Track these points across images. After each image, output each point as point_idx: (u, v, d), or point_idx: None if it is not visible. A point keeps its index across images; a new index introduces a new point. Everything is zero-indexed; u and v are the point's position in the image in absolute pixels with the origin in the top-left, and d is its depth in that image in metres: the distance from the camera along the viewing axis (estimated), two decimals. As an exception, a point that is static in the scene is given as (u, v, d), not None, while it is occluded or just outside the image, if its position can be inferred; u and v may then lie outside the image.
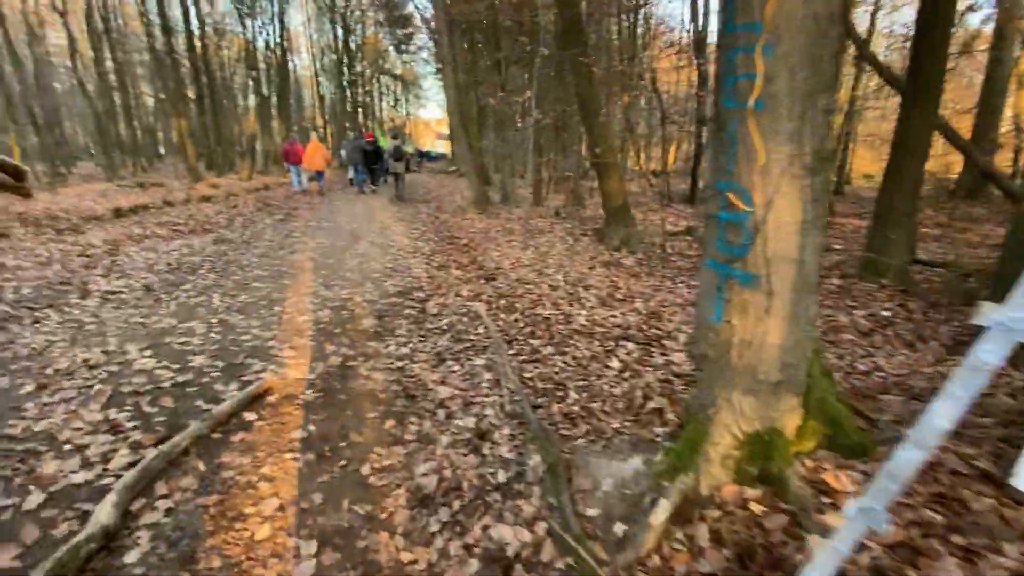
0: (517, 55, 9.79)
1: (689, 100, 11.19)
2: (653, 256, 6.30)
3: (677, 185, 13.70)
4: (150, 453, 2.05)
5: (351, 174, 14.92)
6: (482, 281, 5.26)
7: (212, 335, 3.49)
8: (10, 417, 2.28)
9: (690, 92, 13.75)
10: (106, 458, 2.06)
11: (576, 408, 2.60)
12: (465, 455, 2.34)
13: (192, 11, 17.60)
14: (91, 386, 2.60)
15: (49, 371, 2.72)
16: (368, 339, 3.67)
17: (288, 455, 2.26)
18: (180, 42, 18.39)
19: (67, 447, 2.12)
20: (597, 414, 2.52)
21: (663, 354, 3.31)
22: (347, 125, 29.61)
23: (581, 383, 2.92)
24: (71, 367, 2.78)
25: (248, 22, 21.54)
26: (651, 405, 2.45)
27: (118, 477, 1.93)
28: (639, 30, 13.75)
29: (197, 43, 18.17)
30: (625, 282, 5.07)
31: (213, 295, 4.30)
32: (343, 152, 16.76)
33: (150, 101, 26.75)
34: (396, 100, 47.56)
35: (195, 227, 7.45)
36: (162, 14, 14.78)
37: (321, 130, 29.68)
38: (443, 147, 57.86)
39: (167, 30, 14.92)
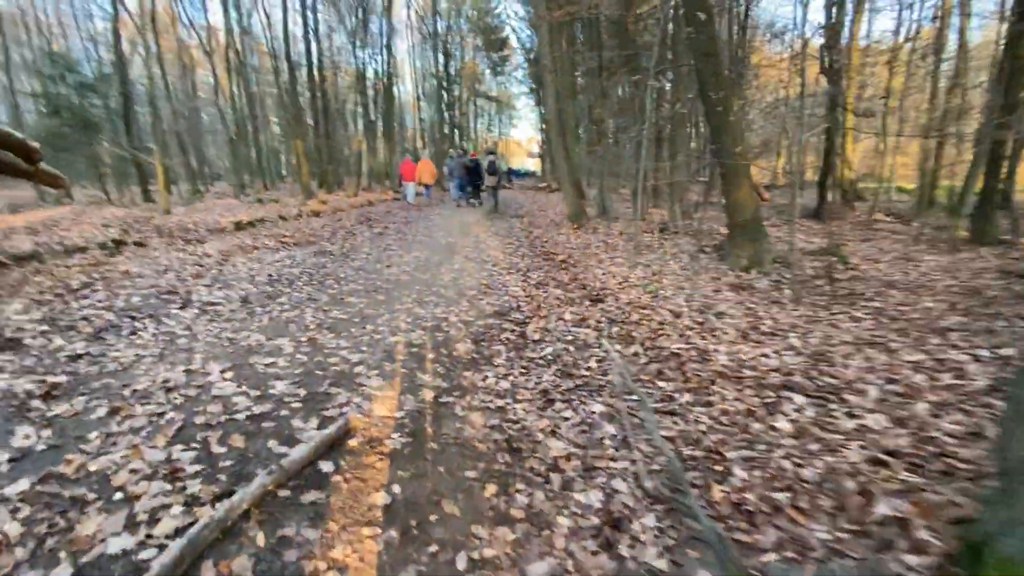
0: (623, 58, 9.10)
1: (815, 103, 9.76)
2: (791, 279, 5.23)
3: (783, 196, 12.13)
4: (203, 517, 1.61)
5: (453, 192, 15.84)
6: (587, 304, 4.59)
7: (299, 356, 3.15)
8: (70, 450, 1.99)
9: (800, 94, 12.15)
10: (154, 517, 1.65)
11: (750, 496, 1.82)
12: (594, 554, 1.67)
13: (314, 47, 19.12)
14: (163, 413, 2.29)
15: (127, 392, 2.48)
16: (464, 368, 3.14)
17: (367, 530, 1.73)
18: (302, 74, 20.05)
19: (118, 496, 1.75)
20: (787, 511, 1.72)
21: (851, 415, 2.40)
22: (451, 146, 30.57)
23: (745, 453, 2.13)
24: (149, 388, 2.52)
25: (360, 52, 23.00)
26: (881, 510, 1.61)
27: (161, 549, 1.50)
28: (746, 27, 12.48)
29: (316, 74, 19.58)
30: (766, 310, 4.13)
31: (306, 310, 4.05)
32: (446, 169, 17.77)
33: (276, 127, 29.46)
34: (490, 121, 48.84)
35: (300, 239, 7.56)
36: (287, 54, 16.09)
37: (422, 150, 30.96)
38: (532, 165, 58.58)
39: (292, 67, 16.24)
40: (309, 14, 17.96)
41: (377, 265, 5.82)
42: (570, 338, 3.69)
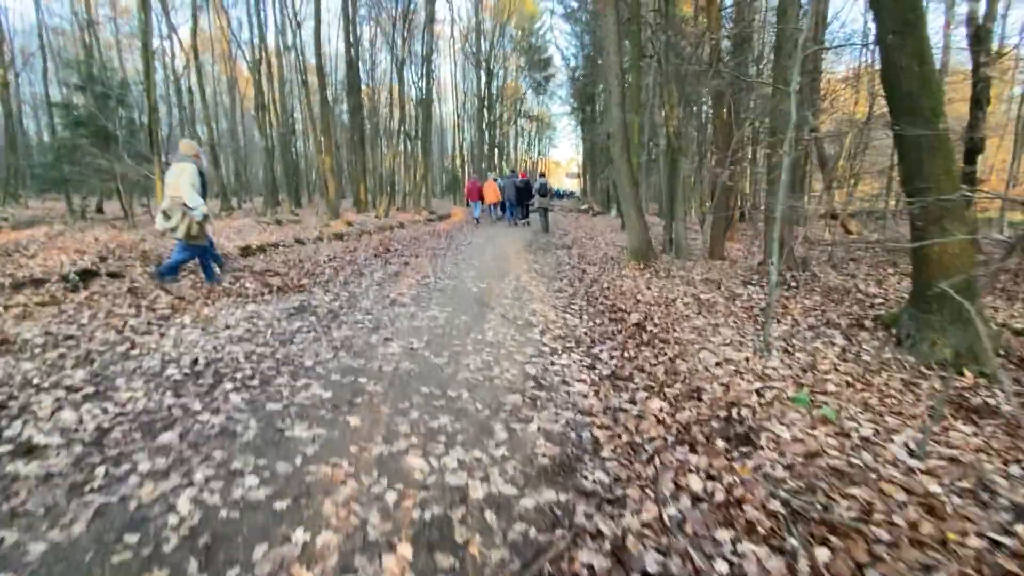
0: (704, 63, 7.01)
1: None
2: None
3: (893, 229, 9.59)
4: None
5: (500, 213, 16.45)
6: (722, 446, 2.46)
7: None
8: None
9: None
10: None
11: None
12: None
13: (362, 69, 17.96)
14: None
15: None
16: None
17: None
18: (338, 90, 18.92)
19: None
20: None
21: None
22: (490, 166, 29.01)
23: None
24: None
25: (401, 71, 21.73)
26: None
27: None
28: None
29: (356, 92, 18.33)
30: None
31: (210, 458, 2.12)
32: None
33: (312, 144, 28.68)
34: (529, 140, 47.42)
35: (292, 279, 5.75)
36: (319, 74, 14.77)
37: (489, 172, 29.73)
38: (569, 185, 57.06)
39: (324, 82, 14.93)
40: (351, 32, 16.75)
41: (372, 337, 3.83)
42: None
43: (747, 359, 3.68)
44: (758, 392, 3.11)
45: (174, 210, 5.03)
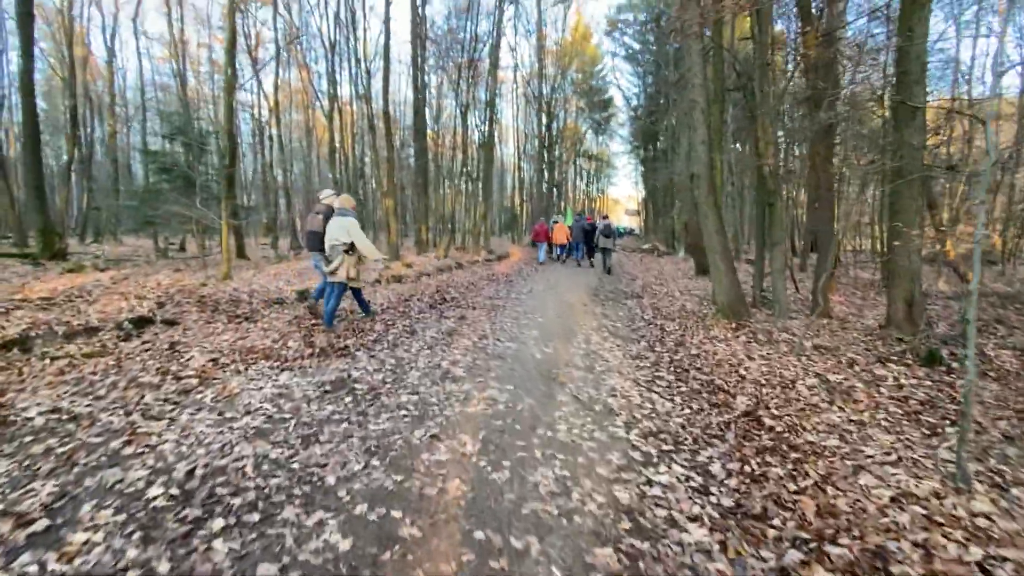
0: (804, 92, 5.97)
1: None
2: None
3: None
4: None
5: (561, 254, 16.87)
6: None
7: None
8: None
9: None
10: None
11: None
12: None
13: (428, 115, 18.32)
14: None
15: None
16: None
17: None
18: (405, 134, 19.34)
19: None
20: None
21: None
22: (549, 206, 28.63)
23: None
24: None
25: (465, 114, 22.00)
26: None
27: None
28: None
29: (421, 136, 18.59)
30: None
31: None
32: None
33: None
34: (588, 179, 46.92)
35: (336, 339, 5.17)
36: (382, 120, 15.02)
37: (558, 215, 29.66)
38: (629, 222, 55.64)
39: (389, 124, 15.16)
40: (418, 80, 17.13)
41: (417, 433, 2.94)
42: None
43: (936, 495, 2.51)
44: (983, 569, 1.98)
45: (334, 255, 5.63)
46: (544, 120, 29.21)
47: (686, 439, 3.22)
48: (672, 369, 4.65)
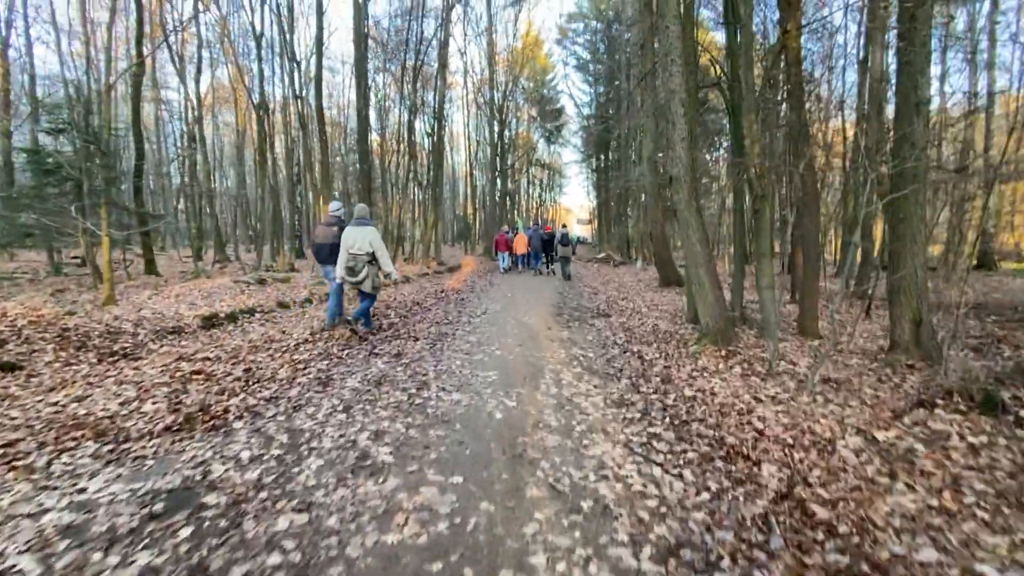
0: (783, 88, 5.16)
1: None
2: None
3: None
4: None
5: (519, 264, 17.13)
6: None
7: None
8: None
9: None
10: None
11: None
12: None
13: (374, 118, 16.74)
14: None
15: None
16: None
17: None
18: (349, 137, 17.69)
19: None
20: None
21: None
22: (504, 215, 27.55)
23: None
24: None
25: (411, 118, 20.56)
26: None
27: None
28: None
29: (365, 140, 16.99)
30: None
31: None
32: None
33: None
34: (541, 188, 46.42)
35: (208, 399, 3.73)
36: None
37: (516, 223, 28.47)
38: (581, 231, 56.06)
39: (324, 130, 13.56)
40: (362, 83, 15.58)
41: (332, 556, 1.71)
42: None
43: None
44: None
45: (359, 266, 5.52)
46: (496, 128, 28.22)
47: (721, 557, 2.10)
48: (668, 421, 3.56)
